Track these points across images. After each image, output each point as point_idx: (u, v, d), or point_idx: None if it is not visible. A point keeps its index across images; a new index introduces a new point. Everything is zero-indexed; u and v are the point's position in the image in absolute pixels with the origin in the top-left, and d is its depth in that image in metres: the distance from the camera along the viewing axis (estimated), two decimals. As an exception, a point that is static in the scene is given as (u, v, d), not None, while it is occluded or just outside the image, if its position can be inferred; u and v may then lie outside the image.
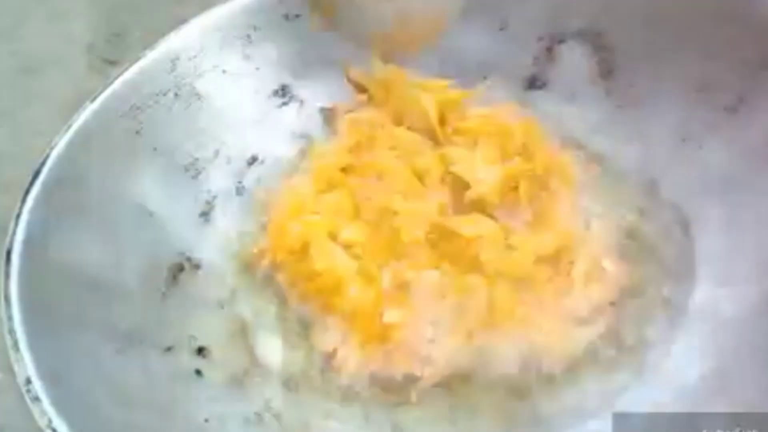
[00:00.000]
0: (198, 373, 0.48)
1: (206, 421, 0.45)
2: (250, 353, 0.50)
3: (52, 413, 0.39)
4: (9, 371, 0.41)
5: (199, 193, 0.55)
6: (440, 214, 0.51)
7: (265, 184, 0.57)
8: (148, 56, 0.54)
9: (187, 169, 0.55)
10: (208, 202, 0.55)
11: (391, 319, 0.47)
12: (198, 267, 0.53)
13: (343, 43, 0.58)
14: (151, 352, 0.48)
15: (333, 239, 0.50)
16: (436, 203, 0.51)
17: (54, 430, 0.39)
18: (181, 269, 0.52)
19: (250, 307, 0.52)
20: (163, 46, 0.55)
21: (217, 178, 0.56)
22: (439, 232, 0.50)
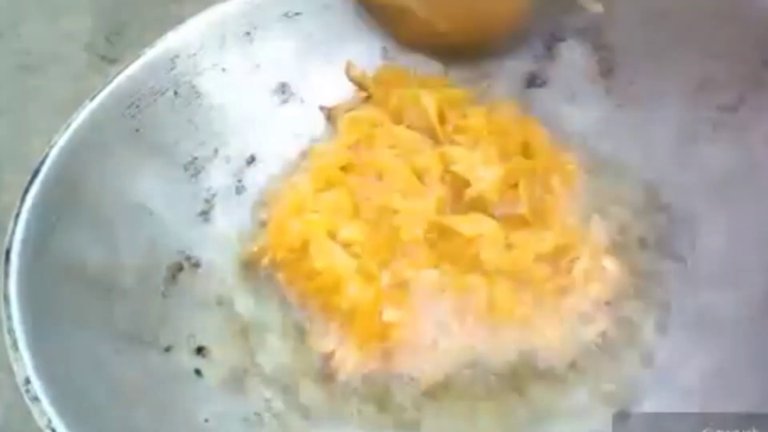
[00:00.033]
0: (197, 372, 0.48)
1: (206, 421, 0.45)
2: (249, 353, 0.50)
3: (51, 413, 0.39)
4: (8, 371, 0.41)
5: (199, 192, 0.55)
6: (439, 213, 0.51)
7: (265, 183, 0.57)
8: (148, 54, 0.54)
9: (186, 168, 0.55)
10: (208, 201, 0.55)
11: (390, 317, 0.47)
12: (197, 266, 0.53)
13: (343, 43, 0.59)
14: (151, 351, 0.48)
15: (332, 238, 0.50)
16: (435, 202, 0.51)
17: (53, 430, 0.39)
18: (181, 268, 0.52)
19: (250, 307, 0.52)
20: (162, 44, 0.54)
21: (217, 177, 0.56)
22: (439, 231, 0.50)
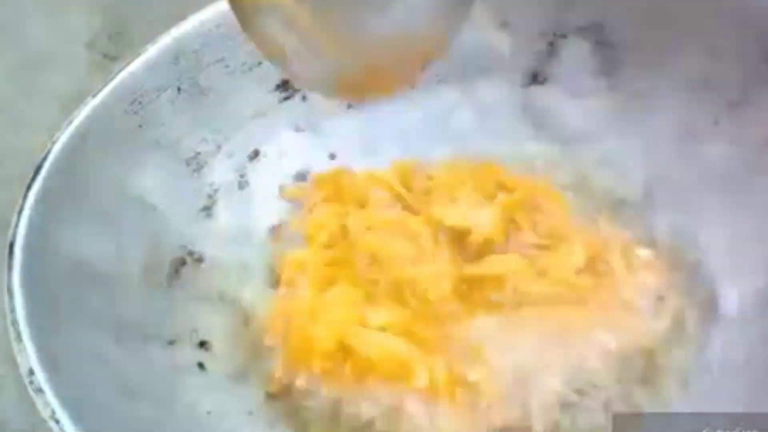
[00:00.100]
0: (200, 366, 0.48)
1: (208, 414, 0.46)
2: (252, 346, 0.50)
3: (55, 404, 0.39)
4: (11, 364, 0.41)
5: (201, 187, 0.55)
6: (456, 267, 0.50)
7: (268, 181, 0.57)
8: (150, 51, 0.54)
9: (189, 163, 0.55)
10: (210, 196, 0.55)
11: (475, 377, 0.46)
12: (200, 261, 0.53)
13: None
14: (154, 345, 0.48)
15: (364, 327, 0.48)
16: (447, 259, 0.51)
17: (57, 422, 0.39)
18: (184, 263, 0.52)
19: (253, 300, 0.52)
20: (165, 41, 0.54)
21: (219, 172, 0.56)
22: (467, 283, 0.50)
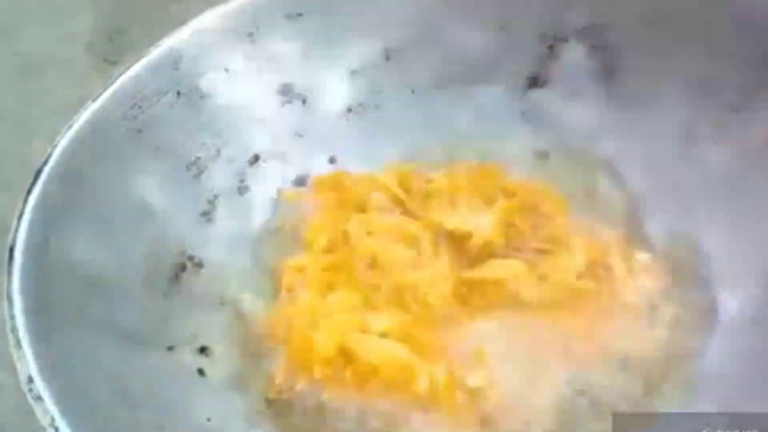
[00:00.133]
0: (200, 372, 0.48)
1: (209, 420, 0.45)
2: (252, 352, 0.50)
3: (54, 412, 0.39)
4: (10, 370, 0.41)
5: (201, 192, 0.55)
6: (456, 272, 0.50)
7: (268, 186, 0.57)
8: (150, 55, 0.54)
9: (188, 168, 0.55)
10: (210, 202, 0.55)
11: (476, 383, 0.46)
12: (200, 266, 0.53)
13: (345, 43, 0.59)
14: (153, 351, 0.47)
15: (365, 332, 0.48)
16: (448, 262, 0.51)
17: (56, 429, 0.38)
18: (184, 268, 0.52)
19: (253, 306, 0.52)
20: (164, 45, 0.54)
21: (219, 177, 0.56)
22: (468, 287, 0.50)
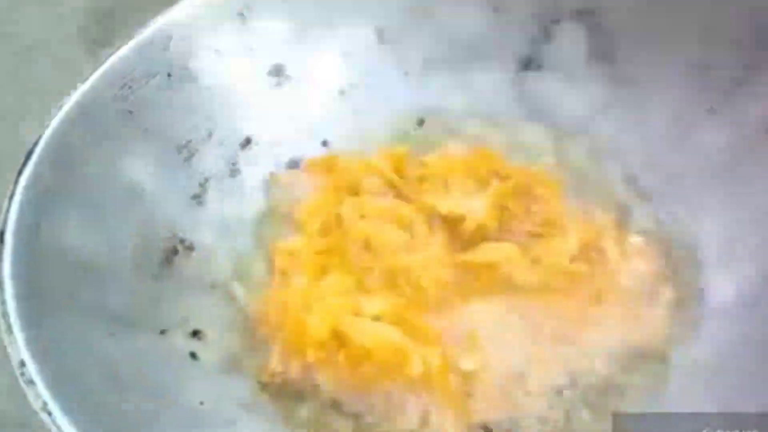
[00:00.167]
0: (193, 356, 0.48)
1: (201, 404, 0.45)
2: (246, 336, 0.49)
3: (46, 396, 0.39)
4: (2, 355, 0.41)
5: (192, 175, 0.54)
6: (450, 255, 0.50)
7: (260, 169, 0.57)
8: (140, 36, 0.53)
9: (179, 151, 0.54)
10: (201, 184, 0.54)
11: (469, 366, 0.45)
12: (191, 249, 0.52)
13: (338, 24, 0.58)
14: (145, 335, 0.47)
15: (358, 316, 0.47)
16: (441, 245, 0.50)
17: (49, 413, 0.38)
18: (175, 251, 0.52)
19: (245, 289, 0.51)
20: (155, 26, 0.54)
21: (211, 160, 0.55)
22: (463, 270, 0.49)
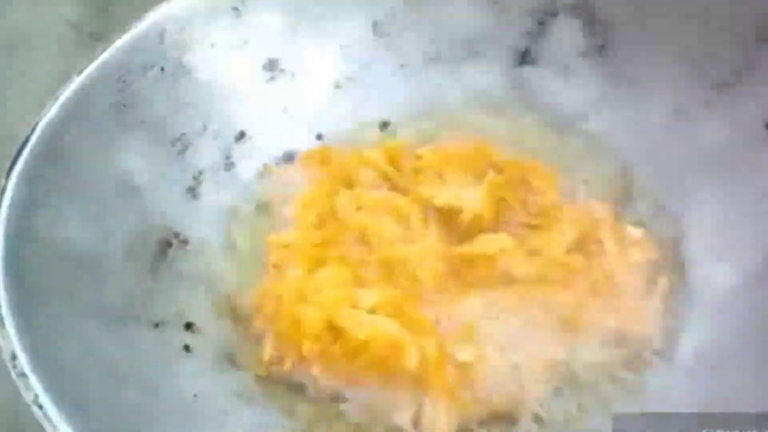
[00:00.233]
0: (187, 348, 0.48)
1: (195, 397, 0.45)
2: (240, 329, 0.49)
3: (38, 389, 0.39)
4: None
5: (187, 168, 0.54)
6: (446, 247, 0.50)
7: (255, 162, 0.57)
8: (135, 29, 0.53)
9: (174, 144, 0.54)
10: (196, 178, 0.54)
11: (466, 357, 0.45)
12: (186, 242, 0.52)
13: (333, 17, 0.58)
14: (139, 328, 0.47)
15: (354, 308, 0.47)
16: (438, 236, 0.50)
17: (40, 406, 0.38)
18: (169, 245, 0.51)
19: (240, 282, 0.51)
20: (150, 19, 0.53)
21: (205, 153, 0.55)
22: (459, 262, 0.49)
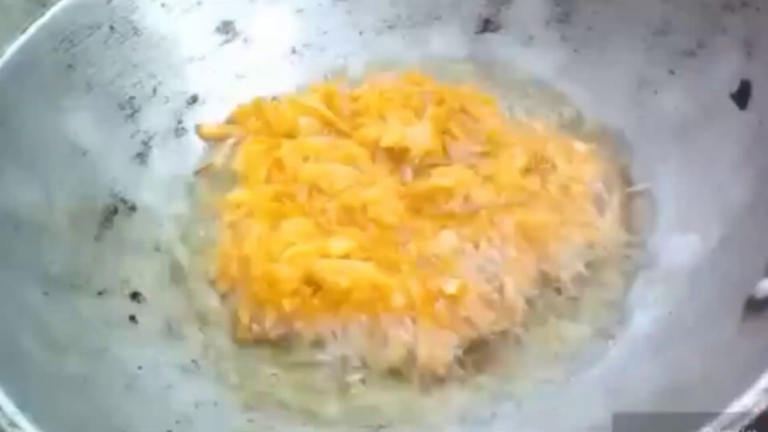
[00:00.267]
0: (132, 319, 0.46)
1: (140, 369, 0.44)
2: (187, 299, 0.48)
3: (-25, 358, 0.37)
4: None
5: (136, 133, 0.53)
6: (402, 186, 0.50)
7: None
8: (81, -14, 0.51)
9: (122, 107, 0.53)
10: (145, 143, 0.53)
11: (452, 288, 0.45)
12: (133, 209, 0.51)
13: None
14: (82, 296, 0.46)
15: (327, 257, 0.46)
16: (391, 178, 0.50)
17: (-26, 374, 0.37)
18: (115, 211, 0.50)
19: (189, 250, 0.50)
20: (97, -24, 0.52)
21: (155, 118, 0.54)
22: (419, 198, 0.49)
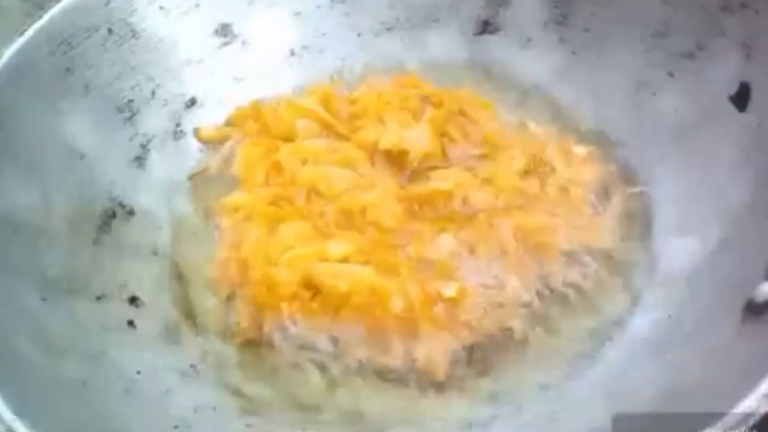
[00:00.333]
0: (130, 323, 0.46)
1: (138, 374, 0.44)
2: (185, 303, 0.48)
3: (-28, 362, 0.37)
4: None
5: (134, 136, 0.53)
6: (401, 189, 0.50)
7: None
8: (79, -11, 0.51)
9: (121, 110, 0.53)
10: (143, 146, 0.53)
11: (451, 292, 0.45)
12: (131, 213, 0.51)
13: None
14: (80, 300, 0.46)
15: (326, 261, 0.46)
16: (389, 181, 0.50)
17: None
18: (114, 215, 0.50)
19: (187, 254, 0.50)
20: (94, -22, 0.52)
21: (154, 121, 0.54)
22: (417, 201, 0.49)
